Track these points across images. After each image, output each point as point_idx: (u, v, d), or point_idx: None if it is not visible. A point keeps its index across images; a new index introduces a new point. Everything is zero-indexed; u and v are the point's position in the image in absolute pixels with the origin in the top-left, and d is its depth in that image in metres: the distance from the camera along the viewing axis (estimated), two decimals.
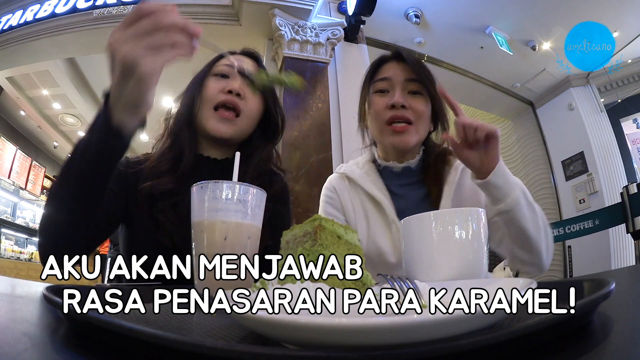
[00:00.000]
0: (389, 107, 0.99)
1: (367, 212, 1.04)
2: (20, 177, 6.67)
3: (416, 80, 1.00)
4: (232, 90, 0.96)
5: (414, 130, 0.99)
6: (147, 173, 0.92)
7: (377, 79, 1.05)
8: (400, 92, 0.99)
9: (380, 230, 1.01)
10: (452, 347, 0.21)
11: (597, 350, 0.25)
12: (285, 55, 3.26)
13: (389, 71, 1.04)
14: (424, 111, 1.00)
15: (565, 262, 4.39)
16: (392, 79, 1.02)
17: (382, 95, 1.03)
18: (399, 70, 1.03)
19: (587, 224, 3.12)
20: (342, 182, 1.11)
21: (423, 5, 3.85)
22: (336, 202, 1.10)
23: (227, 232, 0.58)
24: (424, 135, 1.04)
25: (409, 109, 0.98)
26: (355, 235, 0.43)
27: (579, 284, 0.40)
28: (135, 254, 0.83)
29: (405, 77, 1.01)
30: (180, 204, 0.90)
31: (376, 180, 1.07)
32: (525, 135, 5.34)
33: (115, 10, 3.54)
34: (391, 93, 1.01)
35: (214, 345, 0.21)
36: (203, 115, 0.97)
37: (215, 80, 0.99)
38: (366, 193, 1.05)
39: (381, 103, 1.01)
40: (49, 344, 0.29)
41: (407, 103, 0.98)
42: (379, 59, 1.10)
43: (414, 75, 1.00)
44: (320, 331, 0.23)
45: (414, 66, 1.01)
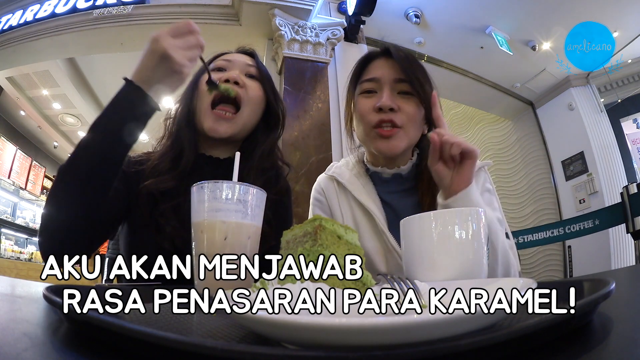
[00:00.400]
0: (376, 109, 0.91)
1: (356, 219, 0.99)
2: (20, 177, 6.67)
3: (406, 80, 0.92)
4: (229, 79, 0.93)
5: (402, 134, 0.91)
6: (148, 172, 0.91)
7: (364, 79, 0.97)
8: (388, 93, 0.91)
9: (370, 240, 0.95)
10: (452, 347, 0.21)
11: (597, 350, 0.25)
12: (285, 55, 3.26)
13: (377, 70, 0.96)
14: (415, 113, 0.92)
15: (565, 262, 4.39)
16: (379, 79, 0.93)
17: (369, 97, 0.94)
18: (387, 69, 0.94)
19: (587, 224, 3.12)
20: (331, 185, 1.05)
21: (423, 5, 3.85)
22: (324, 207, 1.05)
23: (227, 232, 0.58)
24: (414, 139, 0.96)
25: (398, 111, 0.90)
26: (355, 235, 0.43)
27: (579, 284, 0.40)
28: (135, 255, 0.85)
29: (394, 77, 0.92)
30: (181, 206, 0.88)
31: (366, 184, 1.00)
32: (525, 135, 5.34)
33: (115, 10, 3.54)
34: (379, 94, 0.93)
35: (214, 345, 0.21)
36: (200, 114, 0.94)
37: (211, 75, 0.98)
38: (356, 199, 0.99)
39: (368, 105, 0.93)
40: (49, 344, 0.29)
41: (396, 105, 0.90)
42: (365, 56, 1.02)
43: (403, 74, 0.92)
44: (320, 331, 0.23)
45: (403, 64, 0.92)
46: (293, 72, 3.24)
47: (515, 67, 4.58)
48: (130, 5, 3.54)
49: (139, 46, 3.58)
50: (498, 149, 5.69)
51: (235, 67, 0.97)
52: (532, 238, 3.44)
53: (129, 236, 0.93)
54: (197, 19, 3.50)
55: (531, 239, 3.44)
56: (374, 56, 0.99)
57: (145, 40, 0.75)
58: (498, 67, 4.57)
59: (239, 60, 0.99)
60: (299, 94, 3.15)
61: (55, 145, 7.72)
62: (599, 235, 3.40)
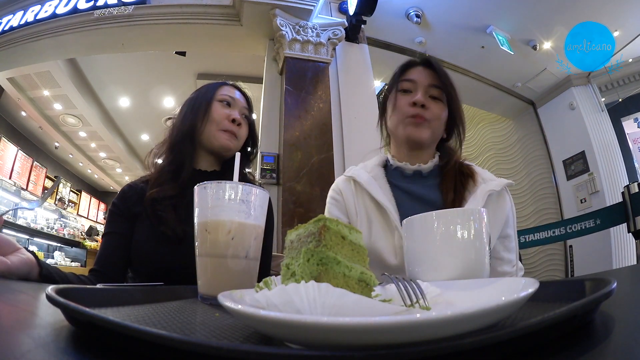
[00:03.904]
0: (411, 104, 1.06)
1: (370, 216, 1.06)
2: (22, 177, 6.69)
3: (439, 87, 1.08)
4: (234, 120, 1.15)
5: (428, 127, 1.06)
6: (152, 184, 1.09)
7: (403, 79, 1.12)
8: (422, 93, 1.06)
9: (383, 235, 1.01)
10: (455, 345, 0.21)
11: (598, 349, 0.25)
12: (287, 56, 3.26)
13: (415, 74, 1.11)
14: (441, 115, 1.07)
15: (567, 262, 4.39)
16: (417, 81, 1.09)
17: (406, 95, 1.10)
18: (424, 75, 1.10)
19: (588, 224, 3.11)
20: (349, 185, 1.13)
21: (424, 5, 3.85)
22: (341, 205, 1.12)
23: (232, 233, 0.59)
24: (436, 137, 1.10)
25: (427, 109, 1.05)
26: (359, 236, 0.43)
27: (580, 284, 0.40)
28: (141, 245, 1.00)
29: (429, 82, 1.08)
30: (179, 205, 1.05)
31: (383, 185, 1.09)
32: (526, 134, 5.34)
33: (116, 11, 3.54)
34: (414, 93, 1.08)
35: (219, 345, 0.21)
36: (210, 134, 1.14)
37: (220, 106, 1.16)
38: (371, 198, 1.06)
39: (405, 100, 1.08)
40: (53, 345, 0.29)
41: (428, 104, 1.05)
42: (408, 61, 1.17)
43: (437, 82, 1.08)
44: (324, 331, 0.23)
45: (439, 74, 1.09)
46: (294, 72, 3.24)
47: (516, 67, 4.57)
48: (131, 6, 3.54)
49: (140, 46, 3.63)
50: (499, 149, 5.69)
51: (237, 107, 1.19)
52: (534, 238, 3.43)
53: (134, 229, 1.08)
54: (197, 19, 3.50)
55: (532, 238, 3.44)
56: (416, 63, 1.15)
57: (146, 41, 0.76)
58: (499, 66, 4.56)
59: (239, 101, 1.21)
60: (300, 94, 3.16)
61: (57, 146, 7.74)
62: (600, 234, 3.40)
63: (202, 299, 0.58)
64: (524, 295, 0.28)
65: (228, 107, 1.18)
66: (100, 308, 0.40)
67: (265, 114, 3.26)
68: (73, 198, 8.81)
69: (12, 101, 5.99)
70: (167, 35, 3.70)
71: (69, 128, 7.16)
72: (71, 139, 7.61)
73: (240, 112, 1.20)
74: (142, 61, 5.09)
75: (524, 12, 3.87)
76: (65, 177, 8.57)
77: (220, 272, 0.59)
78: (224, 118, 1.15)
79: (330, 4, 3.73)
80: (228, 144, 1.15)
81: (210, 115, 1.15)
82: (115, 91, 6.07)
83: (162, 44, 3.90)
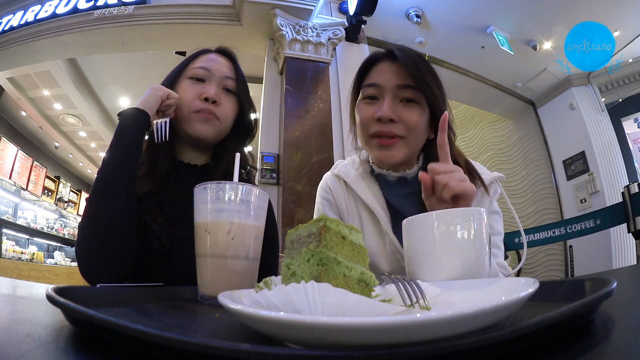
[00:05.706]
0: (375, 119, 0.87)
1: (361, 219, 0.97)
2: (22, 177, 6.68)
3: (411, 86, 0.86)
4: (208, 98, 0.95)
5: (402, 145, 0.87)
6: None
7: (366, 83, 0.92)
8: (389, 102, 0.86)
9: (374, 241, 0.94)
10: (455, 345, 0.21)
11: (598, 349, 0.25)
12: (287, 56, 3.26)
13: (380, 75, 0.90)
14: (418, 122, 0.87)
15: (567, 262, 4.39)
16: (381, 85, 0.88)
17: (370, 103, 0.90)
18: (390, 73, 0.89)
19: (588, 224, 3.11)
20: (338, 182, 1.03)
21: (424, 5, 3.85)
22: (333, 205, 1.03)
23: (232, 233, 0.58)
24: (416, 148, 0.92)
25: (398, 122, 0.86)
26: (360, 236, 0.43)
27: (580, 284, 0.40)
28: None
29: (397, 83, 0.87)
30: (164, 203, 0.91)
31: (372, 184, 0.98)
32: (527, 134, 5.34)
33: (116, 11, 3.54)
34: (380, 101, 0.88)
35: (220, 345, 0.21)
36: (183, 119, 0.96)
37: (191, 84, 0.98)
38: (361, 199, 0.97)
39: (368, 112, 0.89)
40: (53, 345, 0.29)
41: (397, 116, 0.85)
42: (368, 58, 0.96)
43: (408, 80, 0.86)
44: (324, 330, 0.23)
45: (408, 68, 0.86)
46: (294, 72, 3.24)
47: (516, 67, 4.58)
48: (131, 6, 3.54)
49: (140, 46, 3.62)
50: (499, 149, 5.68)
51: (214, 80, 0.99)
52: (534, 238, 3.43)
53: None
54: (198, 19, 3.50)
55: (532, 238, 3.43)
56: (378, 59, 0.94)
57: (146, 41, 0.77)
58: (499, 66, 4.57)
59: (218, 70, 1.00)
60: (301, 94, 3.16)
61: (57, 146, 7.73)
62: (600, 235, 3.40)
63: (202, 299, 0.58)
64: (523, 296, 0.28)
65: (200, 83, 0.98)
66: (100, 308, 0.40)
67: (265, 114, 3.26)
68: (73, 198, 8.80)
69: (12, 101, 5.99)
70: (167, 35, 3.70)
71: (69, 128, 7.15)
72: (71, 139, 7.61)
73: (218, 85, 0.99)
74: (142, 61, 5.08)
75: (524, 12, 3.87)
76: (65, 177, 8.56)
77: (220, 273, 0.58)
78: (194, 97, 0.95)
79: (330, 4, 3.73)
80: (201, 129, 0.95)
81: (180, 97, 0.96)
82: (115, 91, 6.07)
83: (162, 44, 3.90)
